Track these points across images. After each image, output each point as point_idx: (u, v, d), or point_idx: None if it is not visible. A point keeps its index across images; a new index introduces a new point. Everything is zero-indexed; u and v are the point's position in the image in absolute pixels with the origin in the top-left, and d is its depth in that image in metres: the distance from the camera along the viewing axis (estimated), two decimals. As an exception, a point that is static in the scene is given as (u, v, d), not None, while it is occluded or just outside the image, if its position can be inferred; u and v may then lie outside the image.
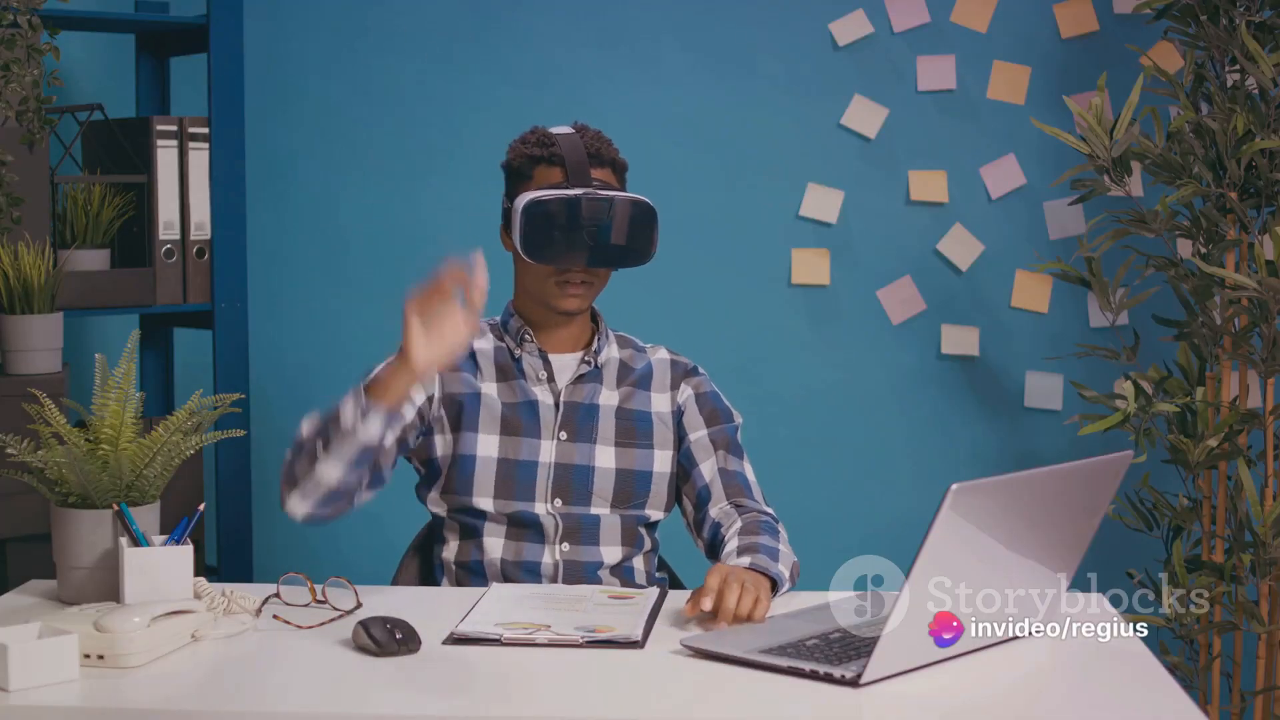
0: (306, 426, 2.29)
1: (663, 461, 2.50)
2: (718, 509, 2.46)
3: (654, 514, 2.50)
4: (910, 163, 3.59)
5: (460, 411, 2.45)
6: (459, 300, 2.15)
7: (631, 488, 2.47)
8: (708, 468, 2.49)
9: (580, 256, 2.38)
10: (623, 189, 2.46)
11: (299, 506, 2.28)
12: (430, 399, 2.45)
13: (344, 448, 2.22)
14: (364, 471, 2.27)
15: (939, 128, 3.58)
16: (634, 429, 2.48)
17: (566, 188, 2.38)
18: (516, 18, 3.64)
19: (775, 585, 2.23)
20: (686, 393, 2.53)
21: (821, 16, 3.58)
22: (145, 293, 3.23)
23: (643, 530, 2.50)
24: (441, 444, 2.46)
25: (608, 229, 2.38)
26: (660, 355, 2.56)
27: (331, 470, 2.24)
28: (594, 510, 2.45)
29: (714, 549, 2.44)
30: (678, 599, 2.25)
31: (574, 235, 2.36)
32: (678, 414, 2.52)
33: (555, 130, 2.46)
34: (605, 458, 2.46)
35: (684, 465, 2.51)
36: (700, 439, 2.51)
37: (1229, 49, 3.06)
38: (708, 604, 2.07)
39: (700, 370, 2.57)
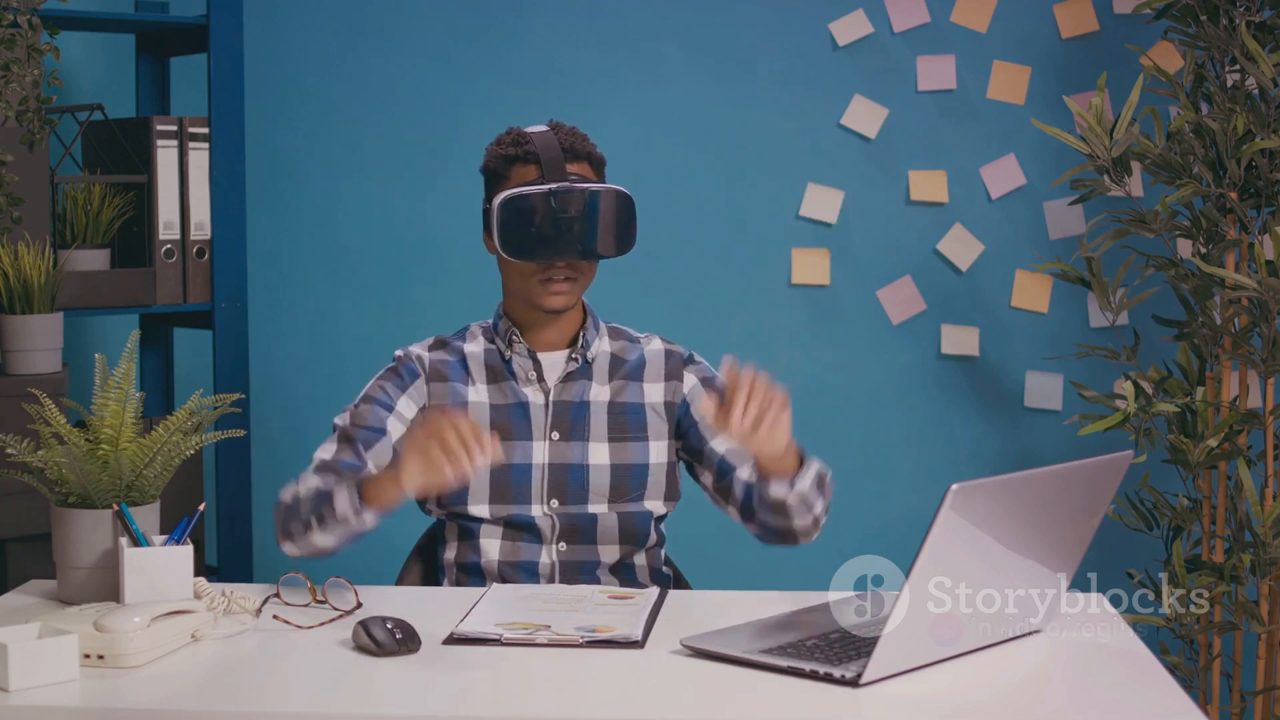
0: (290, 494, 2.33)
1: (658, 452, 2.49)
2: (746, 471, 2.43)
3: (654, 506, 2.48)
4: (910, 163, 3.59)
5: None
6: (461, 454, 2.09)
7: (627, 482, 2.46)
8: (723, 439, 2.46)
9: (559, 251, 2.37)
10: (601, 182, 2.45)
11: (293, 551, 2.35)
12: (422, 409, 2.46)
13: (338, 530, 2.28)
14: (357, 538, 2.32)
15: (939, 128, 3.58)
16: (626, 422, 2.47)
17: (542, 184, 2.38)
18: (516, 18, 3.64)
19: (803, 458, 2.29)
20: (691, 381, 2.51)
21: (821, 16, 3.57)
22: (145, 293, 3.23)
23: (644, 526, 2.48)
24: None
25: (585, 222, 2.37)
26: (654, 346, 2.54)
27: (326, 540, 2.30)
28: (591, 508, 2.45)
29: (748, 510, 2.42)
30: (678, 599, 2.25)
31: (551, 230, 2.36)
32: (682, 404, 2.50)
33: (530, 129, 2.45)
34: (599, 454, 2.46)
35: (695, 446, 2.49)
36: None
37: (1229, 49, 3.06)
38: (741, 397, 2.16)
39: (696, 357, 2.55)
